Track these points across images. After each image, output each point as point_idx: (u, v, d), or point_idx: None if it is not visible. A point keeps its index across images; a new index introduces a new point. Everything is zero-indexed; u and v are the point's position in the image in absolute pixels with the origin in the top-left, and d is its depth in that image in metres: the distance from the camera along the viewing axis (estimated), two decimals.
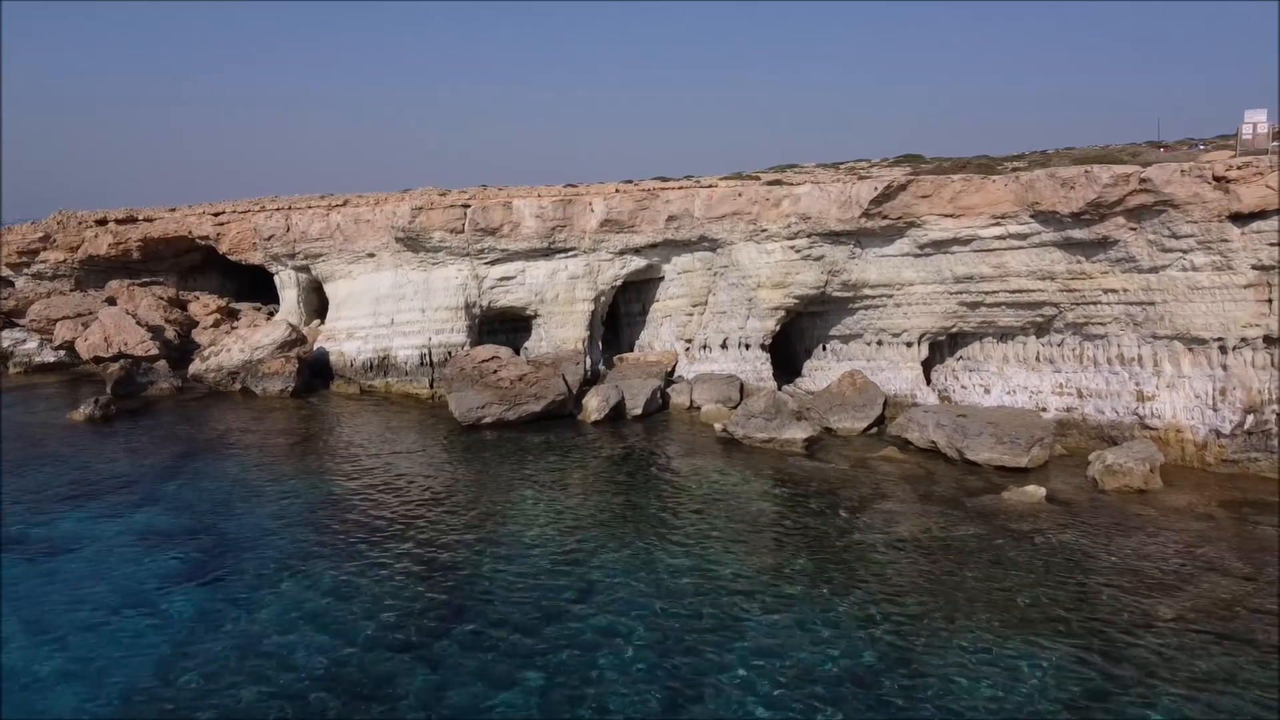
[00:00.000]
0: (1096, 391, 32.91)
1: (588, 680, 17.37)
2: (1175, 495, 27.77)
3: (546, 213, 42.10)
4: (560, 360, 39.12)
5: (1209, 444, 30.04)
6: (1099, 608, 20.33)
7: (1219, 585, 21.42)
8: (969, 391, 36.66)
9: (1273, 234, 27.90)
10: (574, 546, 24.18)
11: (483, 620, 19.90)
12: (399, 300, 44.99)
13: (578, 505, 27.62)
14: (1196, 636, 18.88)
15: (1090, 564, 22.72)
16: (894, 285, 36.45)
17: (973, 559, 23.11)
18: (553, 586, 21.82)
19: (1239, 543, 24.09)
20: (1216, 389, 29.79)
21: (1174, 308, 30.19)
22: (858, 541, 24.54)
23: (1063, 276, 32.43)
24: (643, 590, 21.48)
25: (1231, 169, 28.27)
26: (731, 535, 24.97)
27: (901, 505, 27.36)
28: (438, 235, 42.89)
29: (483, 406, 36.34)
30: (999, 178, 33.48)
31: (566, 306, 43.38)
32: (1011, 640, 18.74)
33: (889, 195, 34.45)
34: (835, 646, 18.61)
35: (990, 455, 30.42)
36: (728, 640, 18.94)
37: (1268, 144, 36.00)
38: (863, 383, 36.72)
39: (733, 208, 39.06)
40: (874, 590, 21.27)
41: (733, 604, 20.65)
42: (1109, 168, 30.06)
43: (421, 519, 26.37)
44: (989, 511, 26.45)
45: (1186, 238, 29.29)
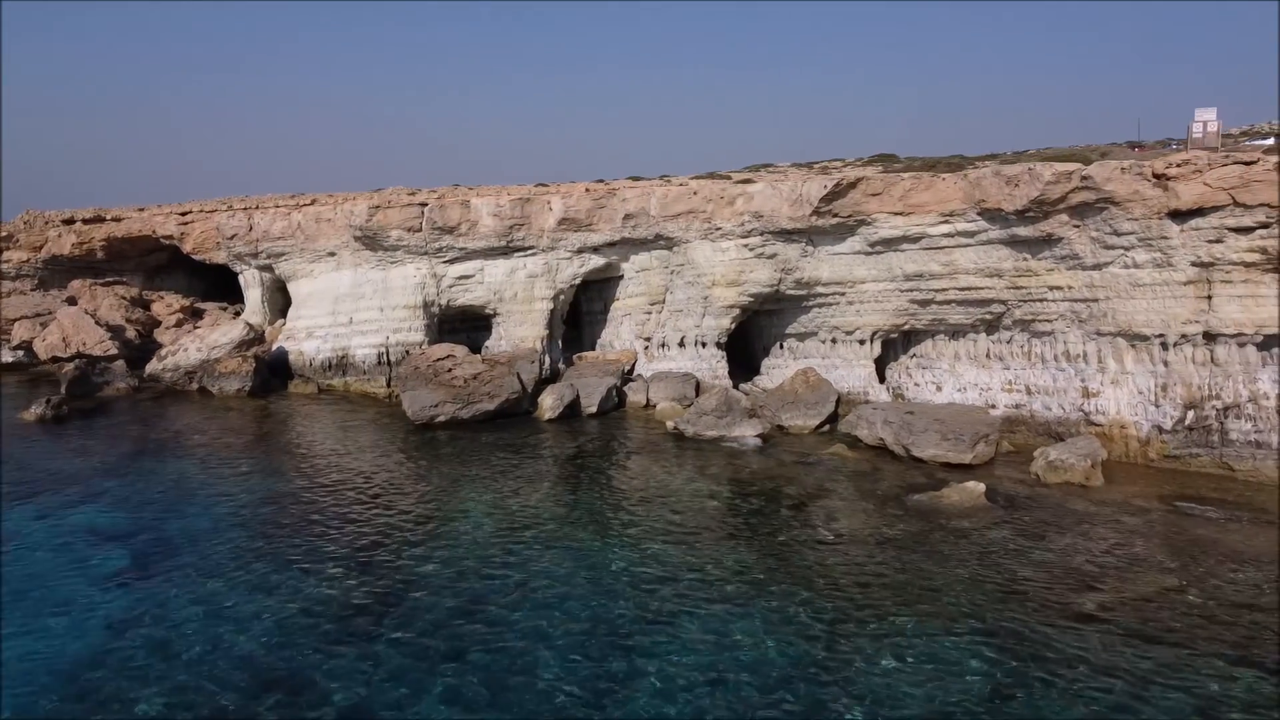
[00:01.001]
0: (1044, 388, 33.10)
1: (508, 679, 17.29)
2: (1115, 491, 27.96)
3: (504, 211, 42.06)
4: (515, 359, 39.10)
5: (1152, 440, 30.25)
6: (1025, 603, 20.41)
7: (1144, 580, 21.55)
8: (922, 389, 36.81)
9: (1211, 231, 28.10)
10: (514, 545, 24.13)
11: (413, 620, 19.79)
12: (358, 299, 44.88)
13: (522, 503, 27.58)
14: (1116, 631, 18.97)
15: (1022, 559, 22.82)
16: (846, 283, 36.57)
17: (907, 555, 23.18)
18: (488, 585, 21.74)
19: (1170, 538, 24.25)
20: (1158, 385, 30.01)
21: (1117, 305, 30.39)
22: (796, 538, 24.59)
23: (1010, 274, 32.61)
24: (578, 588, 21.43)
25: (1171, 166, 28.47)
26: (672, 532, 24.97)
27: (843, 502, 27.44)
28: (395, 234, 42.80)
29: (436, 405, 36.27)
30: (948, 176, 33.62)
31: (525, 305, 43.34)
32: (937, 636, 18.77)
33: (839, 193, 34.55)
34: (763, 643, 18.60)
35: (935, 452, 30.55)
36: (657, 637, 18.89)
37: (1217, 142, 36.36)
38: (815, 380, 36.81)
39: (688, 206, 39.10)
40: (807, 587, 21.28)
41: (666, 601, 20.62)
42: (1051, 165, 30.24)
43: (363, 518, 26.27)
44: (928, 508, 26.53)
45: (1128, 235, 29.48)
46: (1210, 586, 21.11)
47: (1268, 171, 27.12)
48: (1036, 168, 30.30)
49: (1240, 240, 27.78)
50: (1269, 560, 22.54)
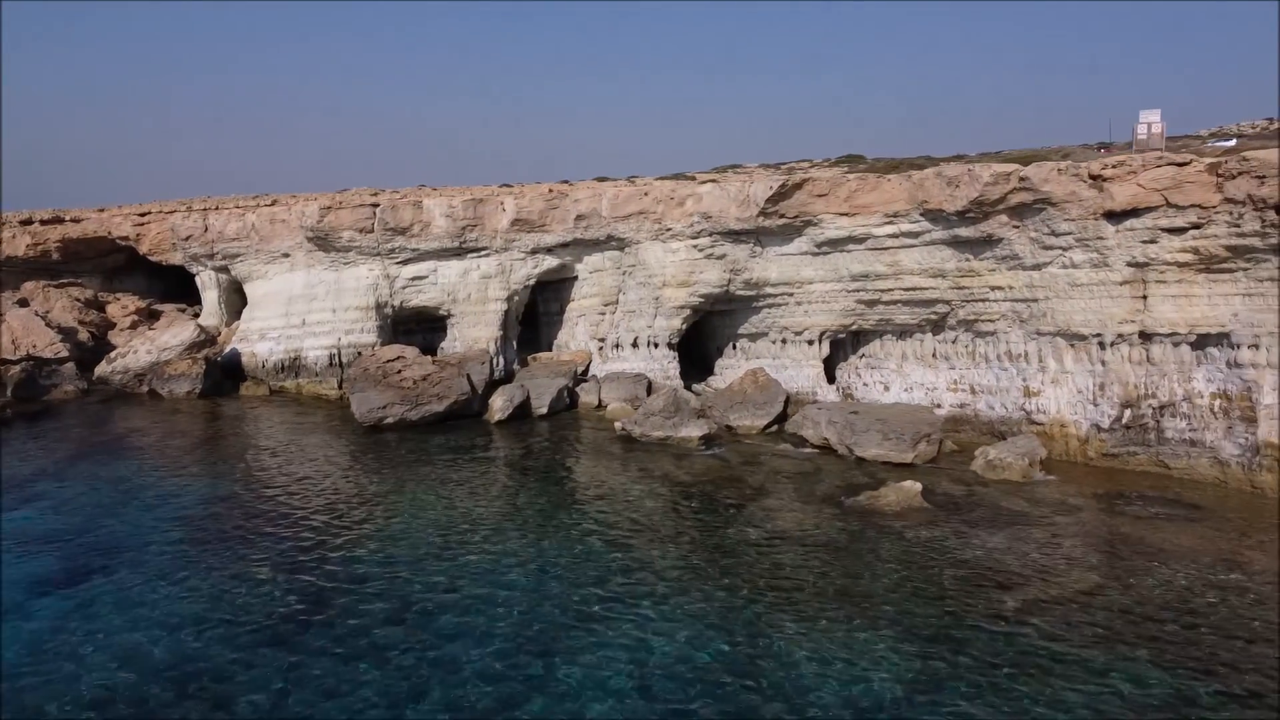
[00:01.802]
0: (987, 388, 33.33)
1: (430, 681, 17.21)
2: (1052, 489, 28.18)
3: (457, 212, 41.92)
4: (466, 360, 38.98)
5: (1090, 438, 30.51)
6: (949, 603, 20.52)
7: (1068, 579, 21.72)
8: (870, 389, 36.97)
9: (1145, 231, 28.36)
10: (449, 546, 24.05)
11: (340, 622, 19.66)
12: (311, 300, 44.62)
13: (461, 505, 27.48)
14: (1035, 631, 19.09)
15: (950, 559, 22.95)
16: (794, 283, 36.68)
17: (838, 556, 23.27)
18: (420, 586, 21.66)
19: (1100, 537, 24.48)
20: (1096, 385, 30.28)
21: (1056, 304, 30.62)
22: (730, 538, 24.64)
23: (953, 274, 32.80)
24: (509, 588, 21.39)
25: (1107, 168, 28.72)
26: (609, 533, 24.95)
27: (781, 502, 27.50)
28: (347, 235, 42.58)
29: (384, 407, 36.11)
30: (894, 177, 33.78)
31: (479, 306, 43.21)
32: (859, 636, 18.82)
33: (784, 194, 34.65)
34: (687, 643, 18.62)
35: (878, 451, 30.70)
36: (583, 637, 18.88)
37: (1161, 143, 36.72)
38: (765, 380, 36.89)
39: (638, 207, 39.11)
40: (736, 587, 21.32)
41: (595, 601, 20.61)
42: (990, 166, 30.44)
43: (301, 520, 26.10)
44: (865, 508, 26.63)
45: (1065, 235, 29.72)
46: (1133, 585, 21.30)
47: (1199, 173, 27.40)
48: (975, 168, 30.50)
49: (1173, 241, 28.05)
50: (1194, 557, 22.78)
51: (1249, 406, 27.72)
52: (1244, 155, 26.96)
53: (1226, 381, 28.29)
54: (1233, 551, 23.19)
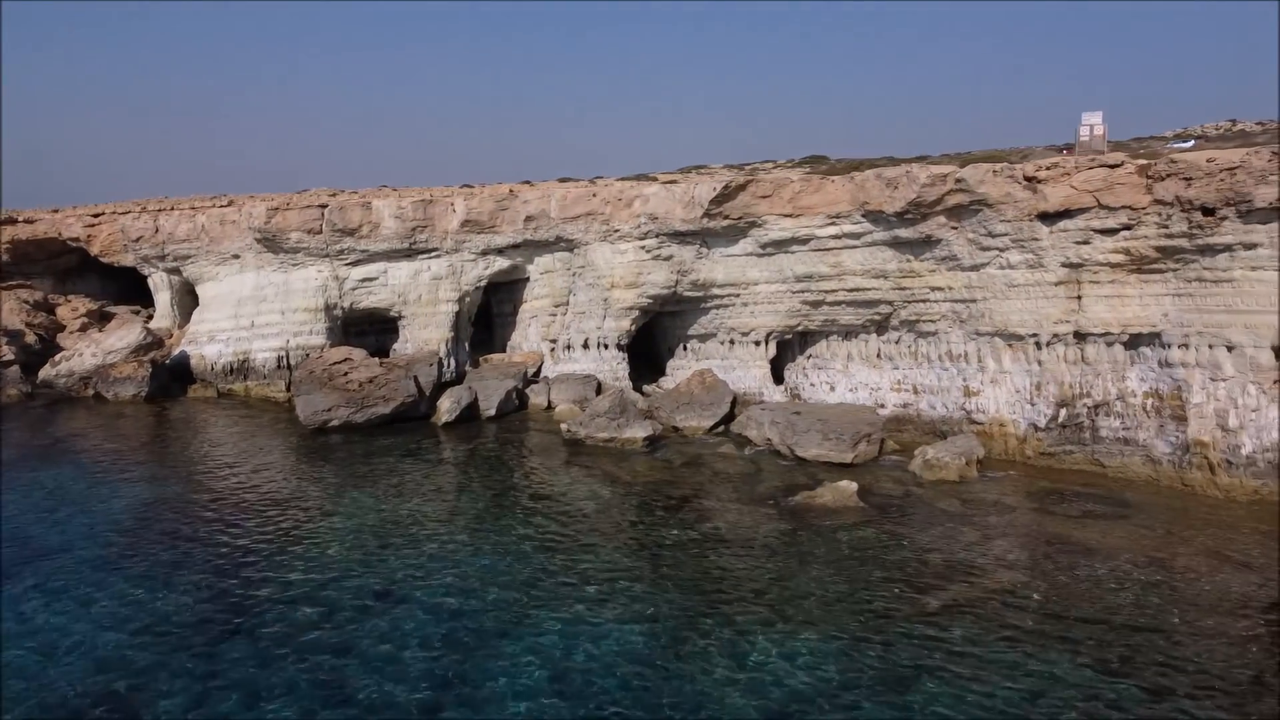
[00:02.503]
0: (929, 387, 33.56)
1: (353, 684, 17.13)
2: (987, 488, 28.40)
3: (406, 213, 41.71)
4: (413, 362, 38.78)
5: (1028, 437, 30.79)
6: (874, 600, 20.66)
7: (993, 577, 21.92)
8: (817, 389, 37.13)
9: (1078, 232, 28.65)
10: (383, 549, 23.91)
11: (267, 626, 19.52)
12: (260, 302, 44.25)
13: (398, 508, 27.33)
14: (957, 629, 19.24)
15: (879, 559, 23.09)
16: (740, 285, 36.77)
17: (770, 556, 23.35)
18: (349, 589, 21.52)
19: (1029, 534, 24.71)
20: (1033, 384, 30.57)
21: (994, 305, 30.88)
22: (664, 540, 24.66)
23: (894, 275, 32.99)
24: (440, 591, 21.31)
25: (1041, 169, 29.00)
26: (543, 536, 24.90)
27: (718, 503, 27.55)
28: (295, 236, 42.26)
29: (329, 409, 35.86)
30: (837, 178, 33.94)
31: (430, 307, 43.01)
32: (786, 634, 18.91)
33: (728, 195, 34.73)
34: (611, 645, 18.62)
35: (818, 451, 30.82)
36: (510, 639, 18.86)
37: (1104, 145, 37.05)
38: (712, 381, 36.96)
39: (586, 208, 39.07)
40: (665, 588, 21.35)
41: (525, 603, 20.58)
42: (927, 167, 30.65)
43: (236, 523, 25.87)
44: (800, 508, 26.74)
45: (1002, 236, 29.97)
46: (1056, 583, 21.52)
47: (1130, 175, 27.72)
48: (913, 170, 30.70)
49: (1106, 241, 28.36)
50: (1119, 555, 23.03)
51: (1179, 405, 28.08)
52: (1172, 157, 27.32)
53: (1158, 381, 28.64)
54: (1157, 549, 23.47)
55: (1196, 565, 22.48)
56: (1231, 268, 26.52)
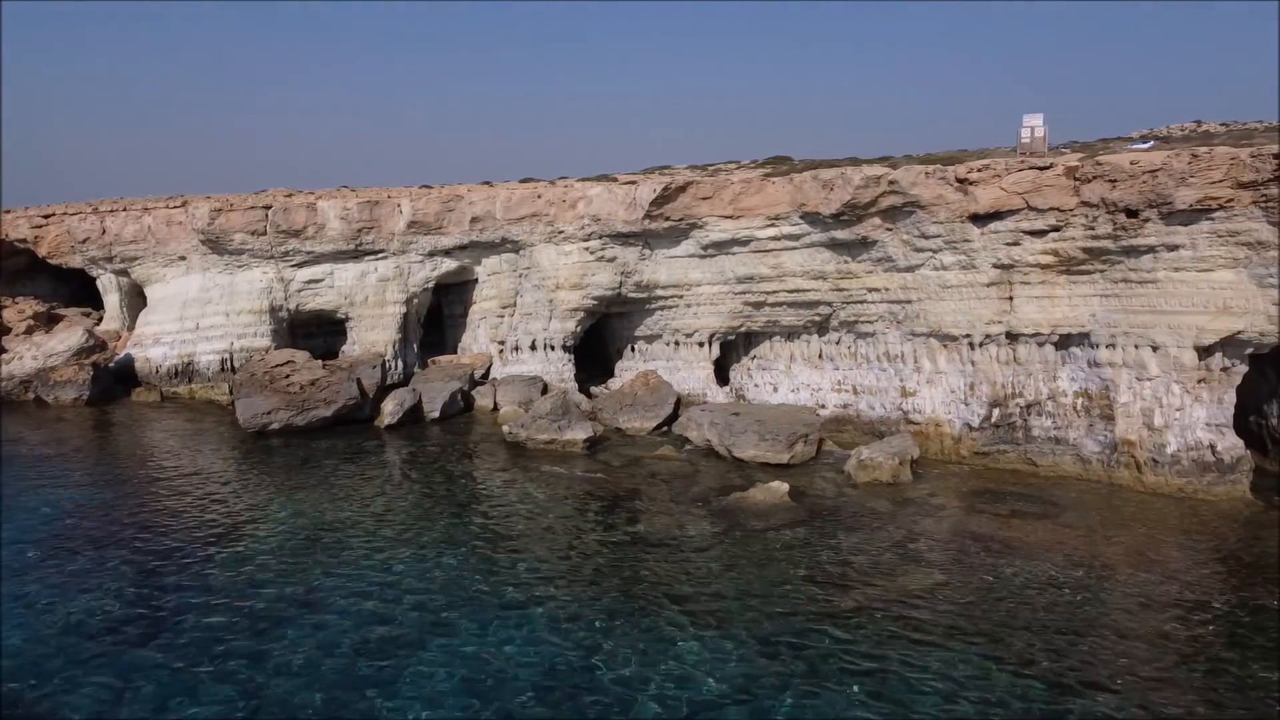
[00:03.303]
0: (868, 388, 33.75)
1: (265, 691, 16.99)
2: (920, 488, 28.60)
3: (352, 214, 41.46)
4: (356, 364, 38.56)
5: (963, 437, 31.04)
6: (793, 601, 20.70)
7: (913, 576, 22.07)
8: (761, 389, 37.24)
9: (1008, 234, 28.90)
10: (310, 554, 23.66)
11: (183, 634, 19.23)
12: (205, 304, 43.83)
13: (332, 511, 27.12)
14: (874, 629, 19.33)
15: (805, 558, 23.18)
16: (683, 286, 36.83)
17: (696, 556, 23.40)
18: (272, 595, 21.30)
19: (955, 534, 24.88)
20: (967, 384, 30.82)
21: (928, 306, 31.09)
22: (592, 542, 24.65)
23: (833, 276, 33.15)
24: (367, 595, 21.14)
25: (972, 171, 29.22)
26: (473, 539, 24.81)
27: (651, 505, 27.57)
28: (239, 237, 41.91)
29: (269, 412, 35.57)
30: (777, 179, 34.05)
31: (376, 309, 42.78)
32: (703, 636, 18.91)
33: (668, 197, 34.78)
34: (529, 648, 18.59)
35: (755, 452, 30.92)
36: (429, 643, 18.77)
37: (1044, 146, 37.38)
38: (656, 382, 36.99)
39: (531, 209, 39.00)
40: (588, 590, 21.33)
41: (448, 607, 20.47)
42: (861, 169, 30.82)
43: (165, 529, 25.53)
44: (731, 509, 26.80)
45: (935, 238, 30.19)
46: (975, 583, 21.69)
47: (1058, 176, 28.00)
48: (848, 171, 30.87)
49: (1035, 243, 28.64)
50: (1041, 554, 23.24)
51: (1107, 405, 28.40)
52: (1098, 159, 27.61)
53: (1088, 380, 28.96)
54: (1080, 548, 23.70)
55: (1116, 564, 22.73)
56: (1155, 269, 26.86)
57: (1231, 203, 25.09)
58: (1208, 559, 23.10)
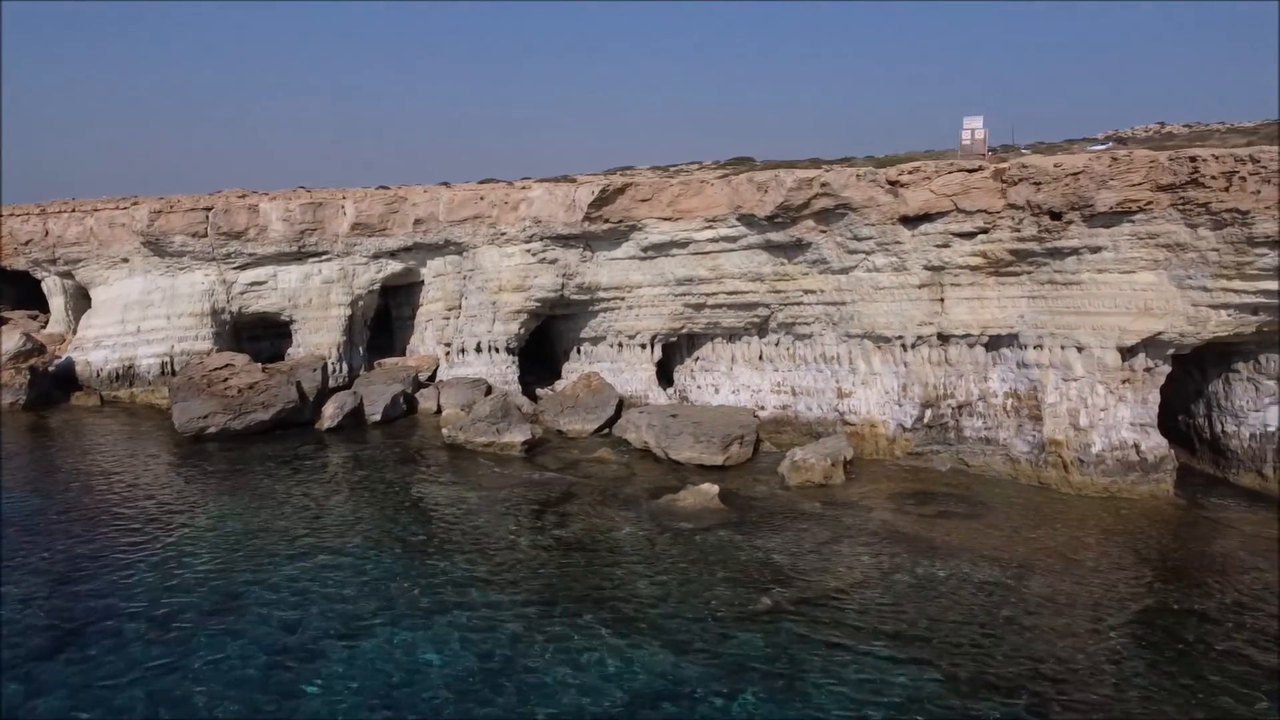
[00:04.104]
0: (806, 389, 33.88)
1: (172, 697, 16.86)
2: (851, 489, 28.71)
3: (294, 216, 41.12)
4: (297, 367, 38.24)
5: (897, 438, 31.22)
6: (713, 603, 20.74)
7: (832, 576, 22.20)
8: (703, 390, 37.27)
9: (938, 236, 29.10)
10: (231, 558, 23.48)
11: (96, 641, 19.06)
12: (147, 307, 43.30)
13: (260, 516, 26.87)
14: (786, 628, 19.41)
15: (729, 559, 23.24)
16: (624, 288, 36.80)
17: (622, 558, 23.44)
18: (188, 601, 21.12)
19: (878, 535, 25.00)
20: (900, 385, 30.98)
21: (862, 307, 31.25)
22: (521, 544, 24.60)
23: (770, 278, 33.24)
24: (286, 600, 21.02)
25: (903, 174, 29.39)
26: (402, 542, 24.69)
27: (582, 507, 27.52)
28: (179, 239, 41.44)
29: (205, 416, 35.18)
30: (716, 182, 34.08)
31: (321, 311, 42.43)
32: (620, 639, 18.93)
33: (607, 199, 34.74)
34: (444, 651, 18.54)
35: (690, 454, 30.95)
36: (345, 648, 18.70)
37: (984, 149, 37.69)
38: (598, 384, 36.95)
39: (473, 211, 38.85)
40: (514, 592, 21.32)
41: (369, 611, 20.39)
42: (793, 172, 30.93)
43: (89, 535, 25.18)
44: (661, 512, 26.80)
45: (867, 240, 30.35)
46: (892, 582, 21.85)
47: (986, 179, 28.22)
48: (781, 174, 30.96)
49: (965, 245, 28.85)
50: (960, 554, 23.41)
51: (1036, 405, 28.68)
52: (1024, 162, 27.87)
53: (1017, 381, 29.21)
54: (1000, 548, 23.91)
55: (1035, 564, 22.94)
56: (1079, 270, 27.15)
57: (1151, 205, 25.39)
58: (1125, 559, 23.38)
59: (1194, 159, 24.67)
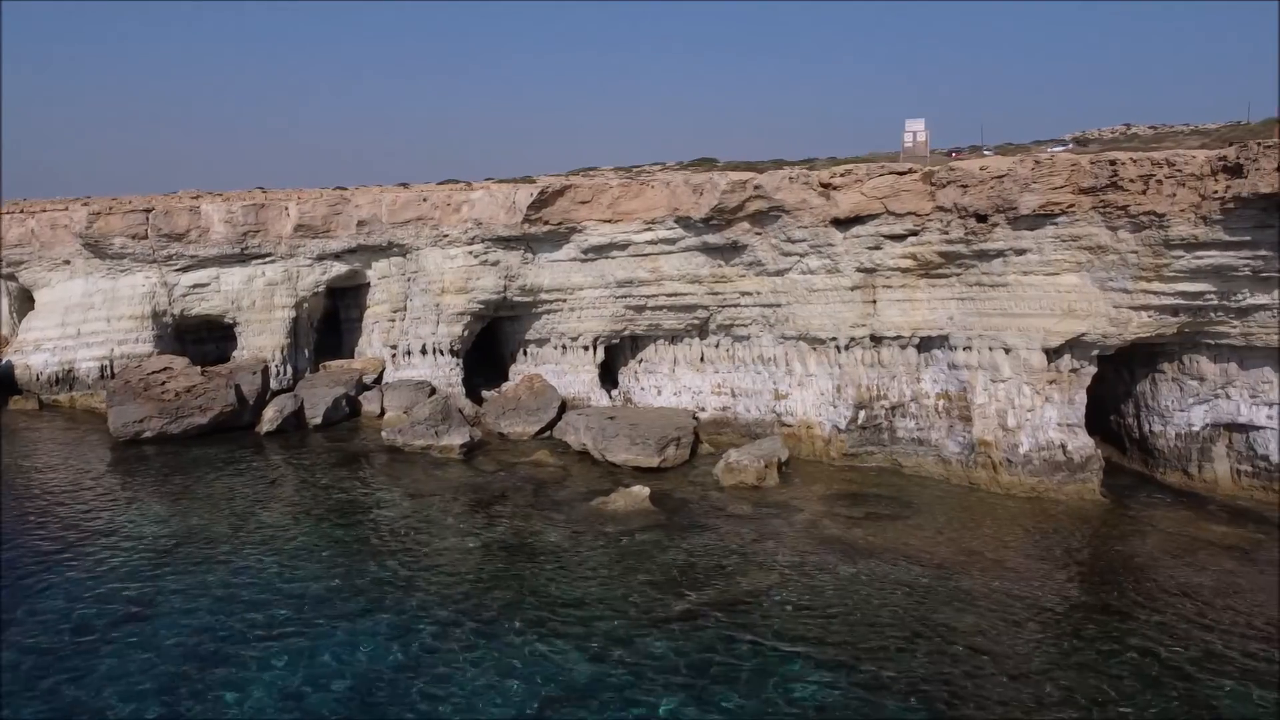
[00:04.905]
0: (745, 390, 33.99)
1: (83, 701, 16.76)
2: (783, 491, 28.80)
3: (236, 218, 40.76)
4: (236, 370, 37.91)
5: (833, 439, 31.36)
6: (631, 606, 20.75)
7: (752, 577, 22.26)
8: (646, 392, 37.30)
9: (870, 238, 29.27)
10: (151, 564, 23.26)
11: (18, 644, 18.88)
12: (88, 309, 42.76)
13: (188, 520, 26.61)
14: (704, 628, 19.45)
15: (653, 561, 23.26)
16: (566, 290, 36.76)
17: (546, 561, 23.43)
18: (103, 608, 20.90)
19: (805, 536, 25.08)
20: (835, 386, 31.13)
21: (797, 309, 31.39)
22: (448, 547, 24.56)
23: (708, 280, 33.31)
24: (204, 607, 20.81)
25: (835, 176, 29.53)
26: (329, 546, 24.55)
27: (514, 509, 27.47)
28: (119, 241, 40.97)
29: (141, 420, 34.80)
30: (656, 184, 34.12)
31: (265, 314, 42.07)
32: (536, 642, 18.94)
33: (546, 201, 34.71)
34: (358, 657, 18.45)
35: (626, 456, 30.96)
36: (257, 654, 18.55)
37: (925, 150, 37.93)
38: (540, 386, 36.89)
39: (416, 213, 38.68)
40: (437, 595, 21.24)
41: (287, 616, 20.26)
42: (728, 174, 31.03)
43: (12, 542, 24.87)
44: (591, 514, 26.79)
45: (801, 242, 30.48)
46: (814, 583, 21.93)
47: (915, 182, 28.41)
48: (715, 177, 31.05)
49: (895, 247, 29.03)
50: (881, 555, 23.53)
51: (966, 406, 28.91)
52: (951, 165, 28.09)
53: (948, 382, 29.44)
54: (923, 549, 24.06)
55: (955, 564, 23.09)
56: (1005, 272, 27.40)
57: (1073, 208, 25.66)
58: (1046, 558, 23.57)
59: (1114, 162, 24.96)
